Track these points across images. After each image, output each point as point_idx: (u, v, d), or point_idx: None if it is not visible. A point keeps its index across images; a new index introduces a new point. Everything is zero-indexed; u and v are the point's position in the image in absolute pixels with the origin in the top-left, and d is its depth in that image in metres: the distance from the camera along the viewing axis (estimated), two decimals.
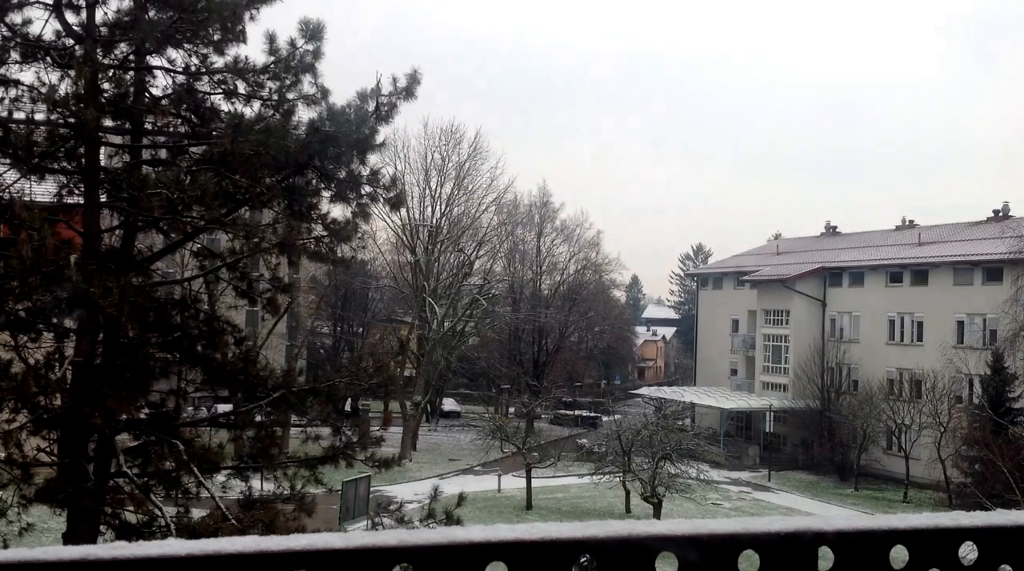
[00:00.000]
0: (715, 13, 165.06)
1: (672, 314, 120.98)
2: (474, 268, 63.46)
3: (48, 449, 12.50)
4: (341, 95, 13.29)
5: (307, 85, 13.28)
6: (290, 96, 13.28)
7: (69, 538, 11.91)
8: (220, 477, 13.41)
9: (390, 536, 1.84)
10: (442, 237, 59.00)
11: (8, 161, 11.93)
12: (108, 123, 12.78)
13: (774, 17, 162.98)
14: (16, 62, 12.58)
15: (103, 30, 12.80)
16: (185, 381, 14.61)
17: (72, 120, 11.70)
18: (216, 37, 12.97)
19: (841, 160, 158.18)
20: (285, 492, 13.35)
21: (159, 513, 12.20)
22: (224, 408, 16.15)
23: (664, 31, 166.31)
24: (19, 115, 12.38)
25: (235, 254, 13.54)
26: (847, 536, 2.11)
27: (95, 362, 12.47)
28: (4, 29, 12.49)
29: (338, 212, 14.03)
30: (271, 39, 13.02)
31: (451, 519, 14.22)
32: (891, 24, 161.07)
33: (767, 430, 56.20)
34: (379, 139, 13.19)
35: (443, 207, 59.30)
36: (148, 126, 13.39)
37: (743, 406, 58.29)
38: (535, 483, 39.58)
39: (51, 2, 12.54)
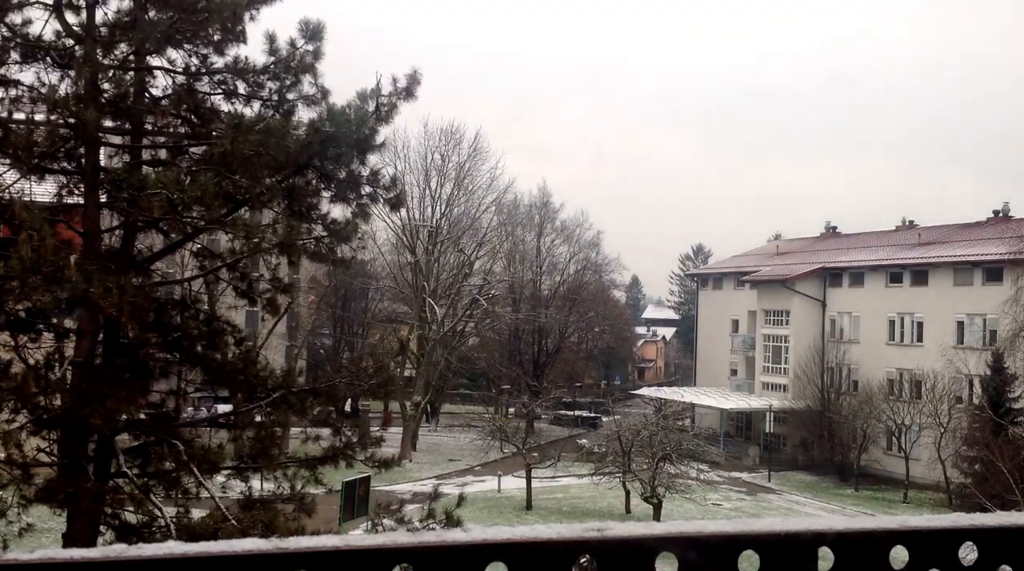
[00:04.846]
0: (715, 14, 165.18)
1: (672, 314, 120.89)
2: (474, 268, 63.41)
3: (48, 449, 12.50)
4: (341, 95, 13.31)
5: (307, 85, 13.29)
6: (290, 96, 13.28)
7: (69, 538, 11.91)
8: (220, 477, 13.40)
9: (390, 537, 1.84)
10: (442, 237, 58.97)
11: (8, 161, 11.93)
12: (108, 123, 12.79)
13: (775, 19, 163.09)
14: (16, 62, 12.58)
15: (103, 30, 12.79)
16: (185, 381, 14.62)
17: (72, 120, 11.70)
18: (216, 37, 12.97)
19: (841, 160, 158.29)
20: (285, 492, 13.35)
21: (159, 513, 12.20)
22: (224, 408, 16.15)
23: (664, 32, 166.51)
24: (19, 115, 12.38)
25: (235, 254, 13.55)
26: (847, 537, 2.10)
27: (95, 362, 12.47)
28: (4, 29, 12.49)
29: (338, 212, 14.05)
30: (271, 39, 13.03)
31: (451, 519, 14.22)
32: (892, 23, 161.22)
33: (767, 430, 56.21)
34: (379, 139, 13.20)
35: (443, 207, 59.34)
36: (148, 126, 13.40)
37: (743, 406, 58.28)
38: (535, 483, 39.57)
39: (51, 2, 12.54)
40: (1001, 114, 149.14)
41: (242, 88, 13.36)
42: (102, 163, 13.24)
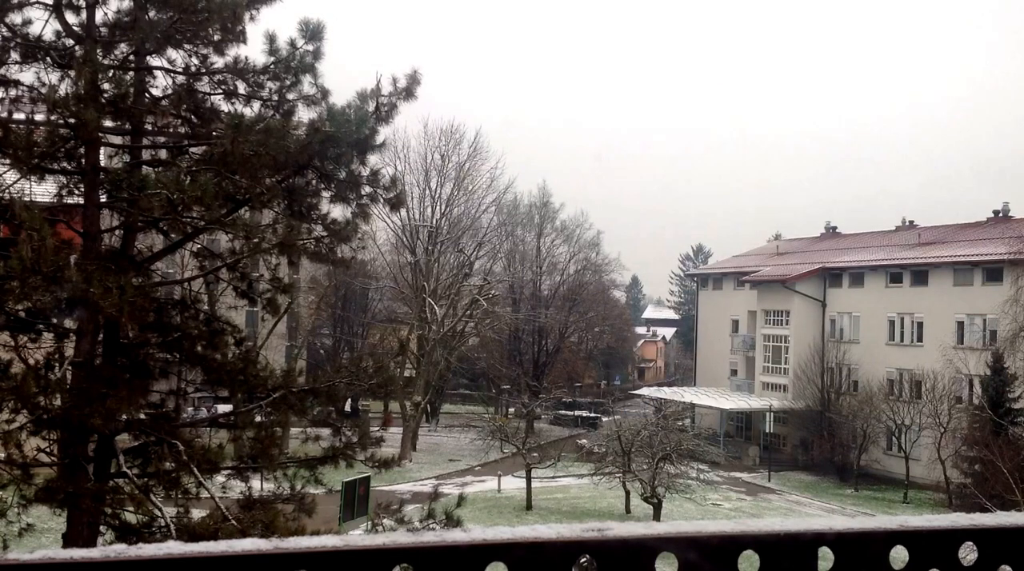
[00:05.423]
0: (717, 14, 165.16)
1: (672, 314, 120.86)
2: (474, 268, 63.44)
3: (48, 449, 12.49)
4: (341, 95, 13.31)
5: (307, 85, 13.28)
6: (290, 96, 13.27)
7: (69, 538, 11.90)
8: (220, 477, 13.39)
9: (390, 537, 1.84)
10: (442, 237, 58.97)
11: (8, 161, 11.92)
12: (108, 123, 12.77)
13: (775, 18, 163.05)
14: (16, 62, 12.58)
15: (103, 30, 12.79)
16: (185, 381, 14.61)
17: (72, 120, 11.69)
18: (216, 37, 12.96)
19: (841, 160, 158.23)
20: (285, 492, 13.34)
21: (159, 513, 12.19)
22: (224, 408, 16.14)
23: (665, 32, 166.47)
24: (19, 115, 12.38)
25: (235, 254, 13.54)
26: (847, 537, 2.10)
27: (95, 362, 12.46)
28: (4, 29, 12.49)
29: (338, 212, 14.04)
30: (271, 39, 13.02)
31: (451, 519, 14.22)
32: (892, 23, 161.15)
33: (767, 430, 56.19)
34: (379, 139, 13.17)
35: (443, 207, 59.32)
36: (148, 126, 13.39)
37: (743, 406, 58.27)
38: (535, 484, 39.57)
39: (51, 2, 12.54)
40: (1002, 113, 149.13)
41: (242, 88, 13.35)
42: (102, 163, 13.23)
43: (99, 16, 12.84)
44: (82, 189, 12.79)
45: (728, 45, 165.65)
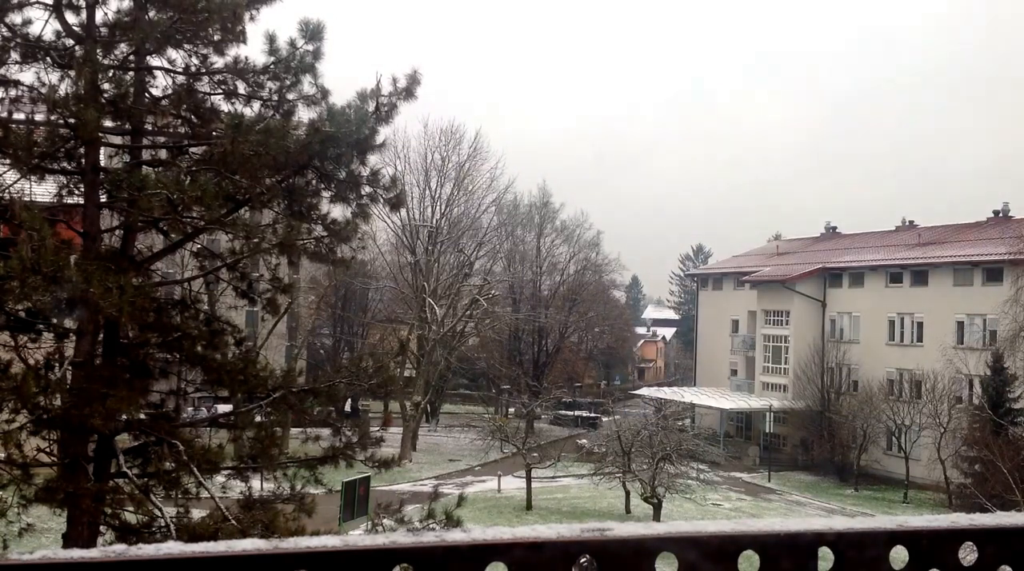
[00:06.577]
0: (715, 14, 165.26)
1: (672, 314, 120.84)
2: (474, 268, 63.43)
3: (48, 449, 12.50)
4: (341, 95, 13.31)
5: (307, 85, 13.28)
6: (290, 96, 13.27)
7: (69, 538, 11.90)
8: (220, 477, 13.40)
9: (390, 537, 1.84)
10: (442, 237, 58.97)
11: (8, 161, 11.92)
12: (108, 123, 12.77)
13: (772, 17, 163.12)
14: (16, 62, 12.58)
15: (103, 30, 12.79)
16: (185, 381, 14.61)
17: (72, 120, 11.69)
18: (216, 37, 12.96)
19: (841, 160, 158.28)
20: (285, 492, 13.35)
21: (159, 513, 12.20)
22: (224, 408, 16.15)
23: (664, 31, 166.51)
24: (19, 115, 12.38)
25: (235, 254, 13.54)
26: (847, 537, 2.10)
27: (95, 362, 12.46)
28: (4, 29, 12.49)
29: (338, 212, 14.04)
30: (271, 39, 13.02)
31: (451, 520, 14.22)
32: (890, 21, 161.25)
33: (767, 430, 56.19)
34: (379, 139, 13.17)
35: (443, 207, 59.31)
36: (148, 126, 13.39)
37: (743, 406, 58.27)
38: (535, 484, 39.56)
39: (51, 2, 12.54)
40: (1003, 112, 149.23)
41: (242, 88, 13.35)
42: (102, 163, 13.24)
43: (99, 16, 12.84)
44: (82, 189, 12.79)
45: (727, 44, 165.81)
